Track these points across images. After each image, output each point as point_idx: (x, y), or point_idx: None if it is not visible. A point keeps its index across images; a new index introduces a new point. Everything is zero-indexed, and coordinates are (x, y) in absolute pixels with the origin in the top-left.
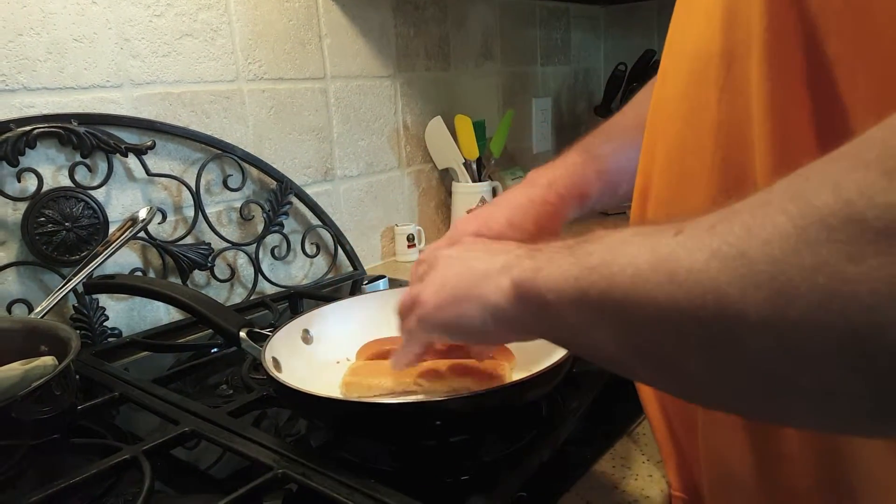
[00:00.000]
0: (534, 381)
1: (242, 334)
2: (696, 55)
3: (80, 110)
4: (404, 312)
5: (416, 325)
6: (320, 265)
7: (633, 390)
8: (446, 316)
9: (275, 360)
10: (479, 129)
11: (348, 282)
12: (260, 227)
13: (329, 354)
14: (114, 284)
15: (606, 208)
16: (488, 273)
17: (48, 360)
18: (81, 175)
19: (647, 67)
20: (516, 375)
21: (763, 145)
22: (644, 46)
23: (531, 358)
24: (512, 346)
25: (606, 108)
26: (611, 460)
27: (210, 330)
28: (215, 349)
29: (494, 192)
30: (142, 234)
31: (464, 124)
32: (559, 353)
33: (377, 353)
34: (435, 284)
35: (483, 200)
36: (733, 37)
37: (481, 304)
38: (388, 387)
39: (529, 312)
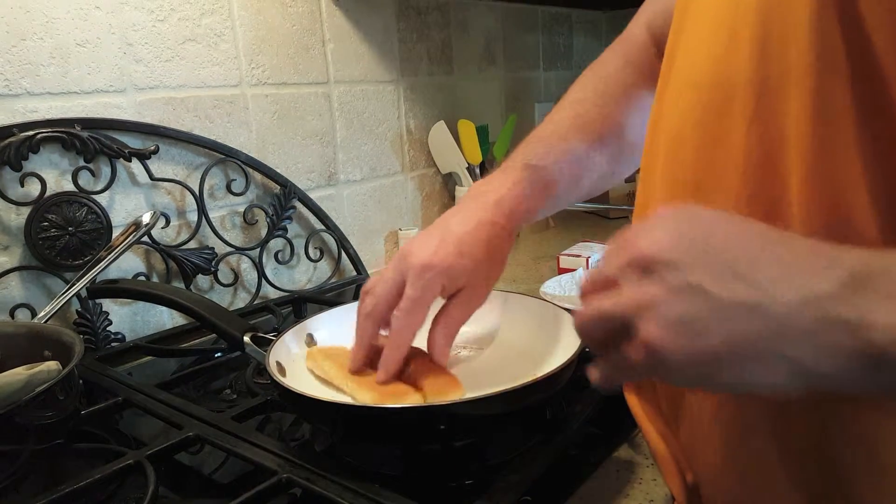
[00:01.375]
0: (538, 385)
1: (246, 339)
2: (715, 83)
3: (83, 115)
4: (637, 362)
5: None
6: (324, 269)
7: None
8: (718, 379)
9: (279, 364)
10: (483, 133)
11: (352, 286)
12: (263, 232)
13: None
14: (117, 289)
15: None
16: (789, 321)
17: (52, 366)
18: (85, 180)
19: None
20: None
21: (800, 179)
22: None
23: (532, 361)
24: (516, 354)
25: None
26: (615, 465)
27: (213, 334)
28: (219, 354)
29: None
30: (145, 238)
31: (467, 129)
32: (562, 358)
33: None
34: (684, 329)
35: None
36: (767, 66)
37: (789, 369)
38: (331, 374)
39: (867, 371)
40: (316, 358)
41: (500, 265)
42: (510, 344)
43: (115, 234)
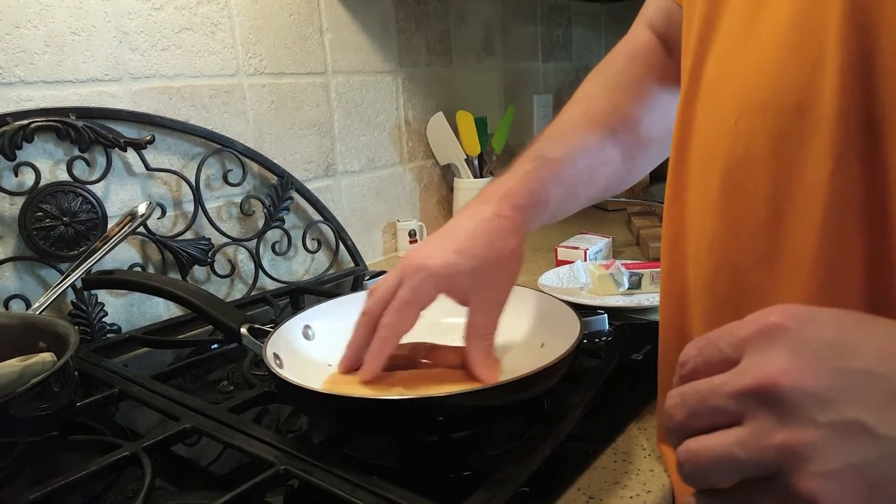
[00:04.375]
0: (536, 376)
1: (243, 330)
2: (792, 110)
3: (78, 104)
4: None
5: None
6: (321, 261)
7: (635, 385)
8: None
9: (276, 356)
10: (481, 125)
11: (350, 277)
12: (260, 223)
13: (331, 350)
14: (112, 280)
15: (567, 215)
16: None
17: (46, 357)
18: (80, 169)
19: None
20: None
21: None
22: None
23: (530, 352)
24: (514, 347)
25: None
26: (613, 455)
27: (210, 326)
28: (215, 345)
29: None
30: (141, 229)
31: (465, 120)
32: (560, 350)
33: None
34: (857, 481)
35: None
36: (869, 101)
37: None
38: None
39: None
40: (336, 389)
41: (511, 261)
42: (508, 335)
43: (111, 224)
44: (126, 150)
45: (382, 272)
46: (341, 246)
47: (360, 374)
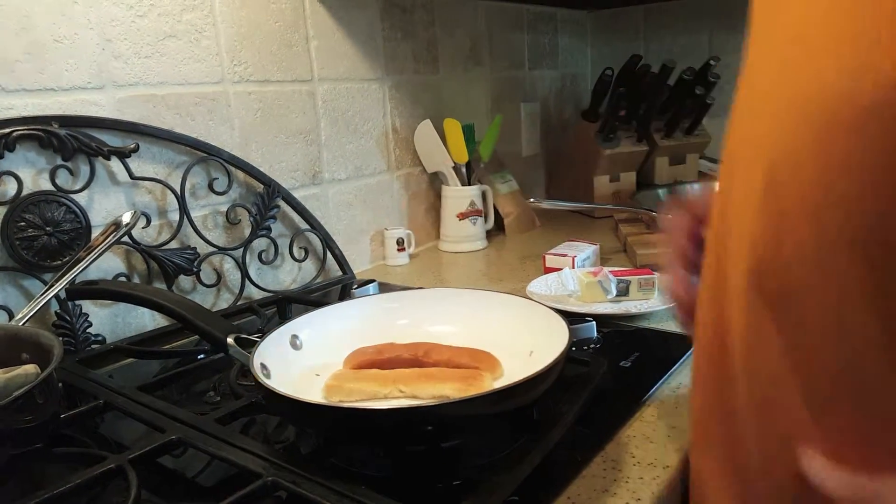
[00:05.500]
0: (524, 385)
1: (230, 340)
2: (841, 97)
3: (60, 112)
4: None
5: None
6: (309, 270)
7: (623, 392)
8: None
9: (263, 366)
10: (469, 132)
11: (338, 286)
12: (247, 232)
13: (318, 360)
14: (97, 290)
15: None
16: None
17: (30, 369)
18: (63, 179)
19: (633, 72)
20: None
21: None
22: (630, 51)
23: (519, 361)
24: (502, 356)
25: (594, 112)
26: (601, 463)
27: (196, 336)
28: (202, 355)
29: (484, 196)
30: (125, 238)
31: (453, 128)
32: (549, 358)
33: (364, 362)
34: None
35: (473, 204)
36: None
37: None
38: (369, 391)
39: None
40: (341, 385)
41: None
42: (497, 343)
43: (95, 234)
44: (110, 159)
45: (370, 281)
46: (328, 254)
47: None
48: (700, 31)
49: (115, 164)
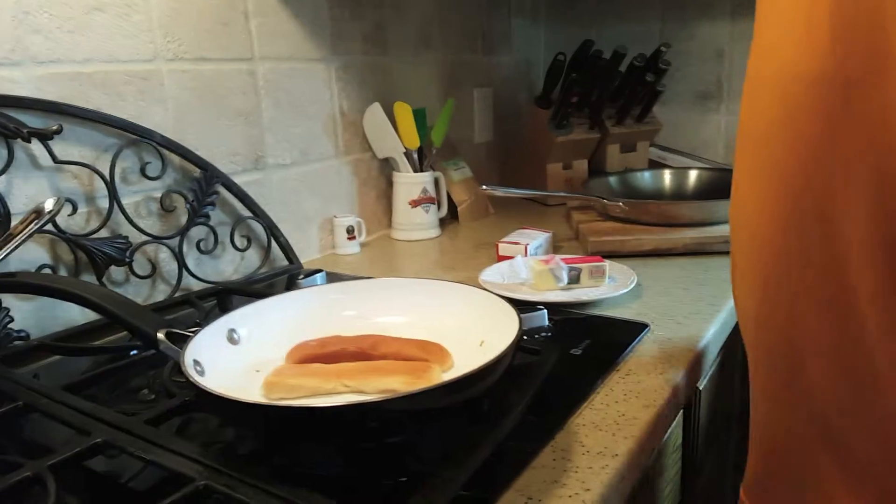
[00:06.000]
0: (472, 378)
1: (160, 336)
2: (797, 77)
3: None
4: None
5: None
6: (252, 259)
7: (571, 382)
8: None
9: (196, 362)
10: (420, 117)
11: (284, 276)
12: (183, 219)
13: (258, 355)
14: (15, 283)
15: None
16: None
17: None
18: None
19: (586, 58)
20: (456, 375)
21: None
22: (583, 37)
23: (469, 351)
24: (452, 346)
25: (546, 98)
26: (551, 453)
27: None
28: (134, 351)
29: (437, 183)
30: (49, 227)
31: (404, 112)
32: (499, 348)
33: (307, 356)
34: None
35: (425, 191)
36: (853, 60)
37: None
38: (311, 387)
39: None
40: (281, 381)
41: None
42: (447, 334)
43: (14, 222)
44: (30, 141)
45: (318, 271)
46: (273, 243)
47: None
48: (651, 18)
49: (36, 146)
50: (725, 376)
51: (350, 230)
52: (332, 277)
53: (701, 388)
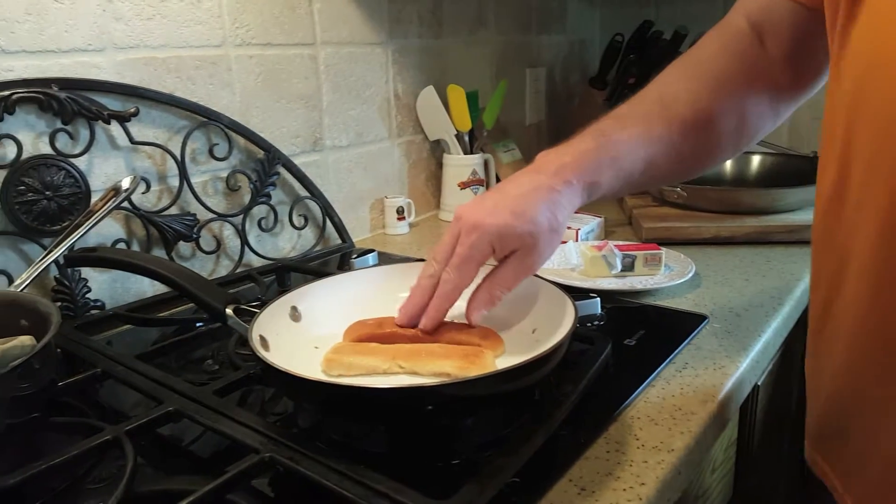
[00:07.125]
0: (528, 367)
1: (229, 311)
2: None
3: (60, 74)
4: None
5: None
6: (308, 237)
7: (627, 371)
8: None
9: (262, 338)
10: (472, 99)
11: (337, 255)
12: (247, 198)
13: (318, 332)
14: (95, 258)
15: (617, 196)
16: None
17: (26, 340)
18: (62, 142)
19: (644, 39)
20: (507, 362)
21: None
22: (641, 17)
23: (523, 339)
24: (504, 333)
25: (601, 79)
26: (605, 445)
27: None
28: (200, 323)
29: (486, 165)
30: (125, 203)
31: (456, 94)
32: (553, 340)
33: (364, 335)
34: None
35: (475, 173)
36: None
37: None
38: (368, 366)
39: None
40: (340, 358)
41: (558, 234)
42: (498, 319)
43: (94, 199)
44: (110, 123)
45: (370, 250)
46: (328, 222)
47: (421, 325)
48: None
49: (115, 128)
50: (784, 374)
51: (400, 211)
52: (383, 257)
53: (760, 384)
